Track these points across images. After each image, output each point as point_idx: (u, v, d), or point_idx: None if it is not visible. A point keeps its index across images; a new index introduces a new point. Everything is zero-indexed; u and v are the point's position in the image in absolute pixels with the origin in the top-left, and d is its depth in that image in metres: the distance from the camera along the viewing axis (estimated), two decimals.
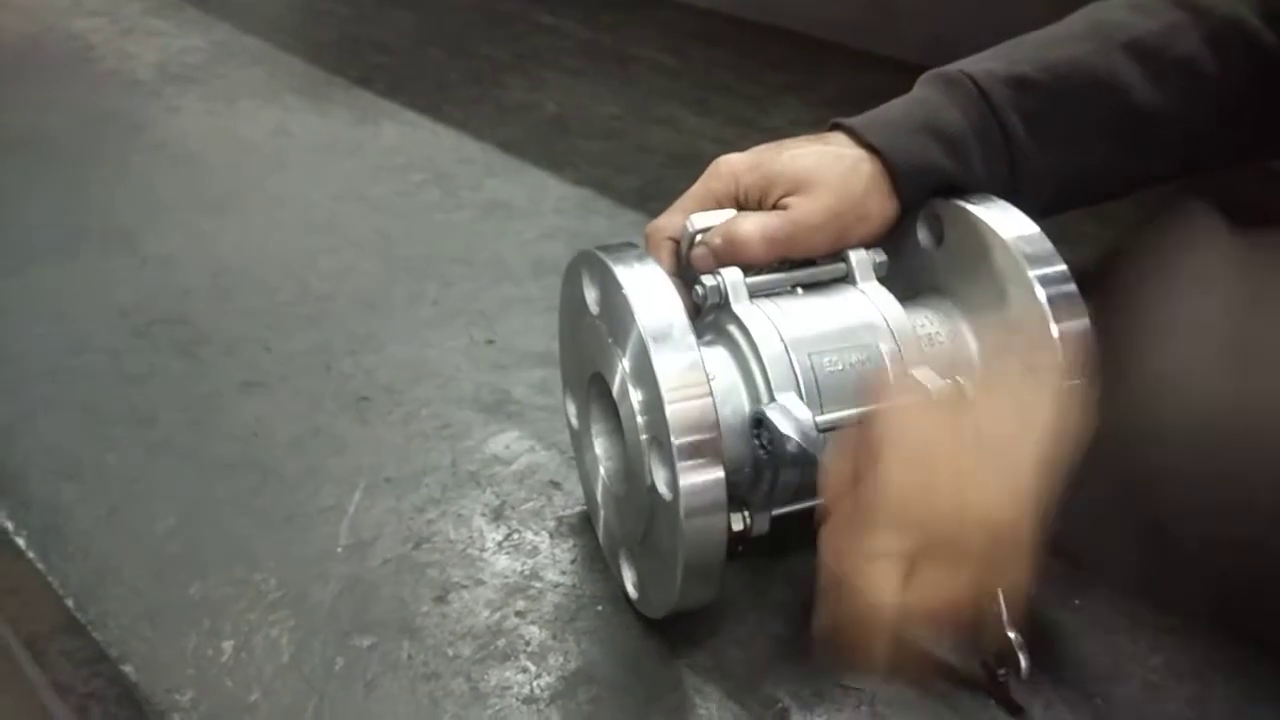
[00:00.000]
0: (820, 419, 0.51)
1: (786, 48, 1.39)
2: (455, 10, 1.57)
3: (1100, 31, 0.62)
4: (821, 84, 1.27)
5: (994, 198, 0.59)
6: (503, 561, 0.61)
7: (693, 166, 0.62)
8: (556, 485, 0.66)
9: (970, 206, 0.58)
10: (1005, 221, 0.57)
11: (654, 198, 0.96)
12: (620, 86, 1.29)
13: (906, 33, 1.29)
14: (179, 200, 1.01)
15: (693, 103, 1.23)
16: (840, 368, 0.54)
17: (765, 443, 0.51)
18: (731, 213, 0.58)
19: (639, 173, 1.07)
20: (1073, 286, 0.54)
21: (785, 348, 0.53)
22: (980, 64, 0.61)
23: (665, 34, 1.45)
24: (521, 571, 0.60)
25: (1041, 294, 0.54)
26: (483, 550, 0.62)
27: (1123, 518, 0.41)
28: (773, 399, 0.52)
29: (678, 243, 0.59)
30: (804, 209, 0.57)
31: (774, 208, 0.58)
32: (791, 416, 0.49)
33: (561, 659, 0.55)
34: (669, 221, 0.60)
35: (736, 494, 0.54)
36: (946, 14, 1.25)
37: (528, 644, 0.56)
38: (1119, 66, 0.61)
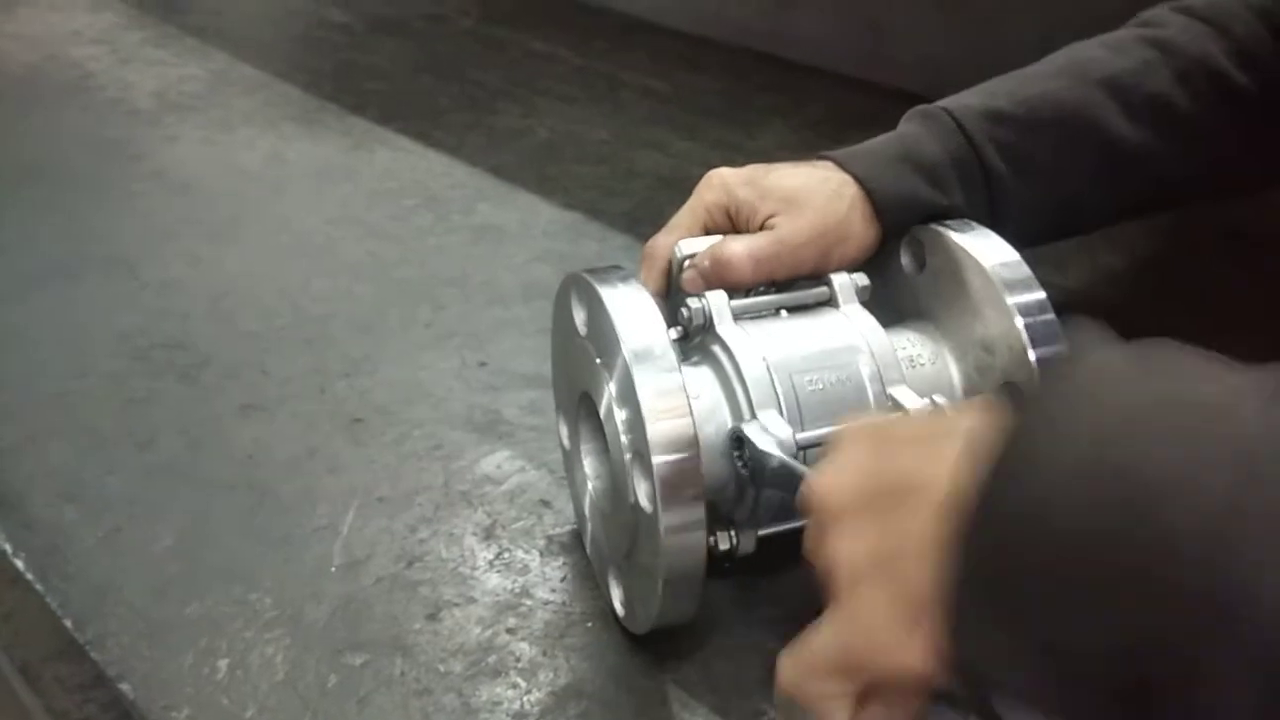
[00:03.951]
0: (800, 436, 0.52)
1: (774, 73, 1.41)
2: (449, 38, 1.59)
3: (1076, 68, 0.65)
4: (808, 108, 1.29)
5: (974, 224, 0.60)
6: (494, 579, 0.62)
7: (682, 190, 0.64)
8: (547, 504, 0.67)
9: (951, 233, 0.60)
10: (984, 247, 0.58)
11: (643, 221, 0.97)
12: (611, 112, 1.30)
13: (893, 59, 1.31)
14: (178, 227, 1.03)
15: (682, 127, 1.24)
16: (821, 387, 0.55)
17: (746, 459, 0.52)
18: (719, 238, 0.60)
19: (629, 196, 1.08)
20: (1050, 312, 0.56)
21: (768, 368, 0.55)
22: (959, 100, 0.64)
23: (656, 60, 1.46)
24: (512, 589, 0.61)
25: (1019, 319, 0.55)
26: (474, 568, 0.63)
27: None
28: (755, 418, 0.53)
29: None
30: (789, 228, 0.59)
31: (761, 228, 0.60)
32: (770, 434, 0.50)
33: (552, 675, 0.56)
34: (666, 240, 0.62)
35: (722, 513, 0.55)
36: (934, 41, 1.27)
37: (518, 660, 0.57)
38: (1093, 101, 0.63)
